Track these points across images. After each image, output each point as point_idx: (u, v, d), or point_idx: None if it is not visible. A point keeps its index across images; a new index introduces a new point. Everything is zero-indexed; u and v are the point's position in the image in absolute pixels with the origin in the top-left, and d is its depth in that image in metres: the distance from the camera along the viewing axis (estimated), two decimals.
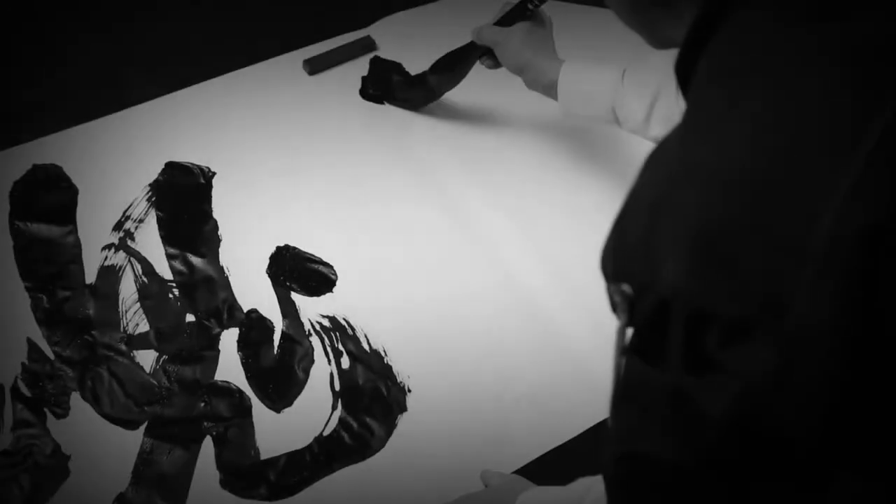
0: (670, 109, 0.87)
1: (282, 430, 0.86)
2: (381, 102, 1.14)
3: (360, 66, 1.18)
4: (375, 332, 0.93)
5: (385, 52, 1.20)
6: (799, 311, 0.36)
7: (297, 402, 0.88)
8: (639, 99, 0.90)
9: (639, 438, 0.44)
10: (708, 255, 0.39)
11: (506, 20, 0.99)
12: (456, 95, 1.11)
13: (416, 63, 1.17)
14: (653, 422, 0.43)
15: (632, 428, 0.44)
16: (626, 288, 0.43)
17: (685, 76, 0.47)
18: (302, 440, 0.85)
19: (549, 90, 0.96)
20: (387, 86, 1.15)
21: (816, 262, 0.36)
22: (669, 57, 0.49)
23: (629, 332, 0.44)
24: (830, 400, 0.37)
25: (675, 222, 0.40)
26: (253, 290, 0.96)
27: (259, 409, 0.88)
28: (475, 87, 1.09)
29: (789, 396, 0.37)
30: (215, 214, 1.02)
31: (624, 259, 0.44)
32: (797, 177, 0.37)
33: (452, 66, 1.07)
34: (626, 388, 0.45)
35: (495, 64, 1.02)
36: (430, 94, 1.11)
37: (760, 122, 0.40)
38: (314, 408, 0.88)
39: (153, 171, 1.05)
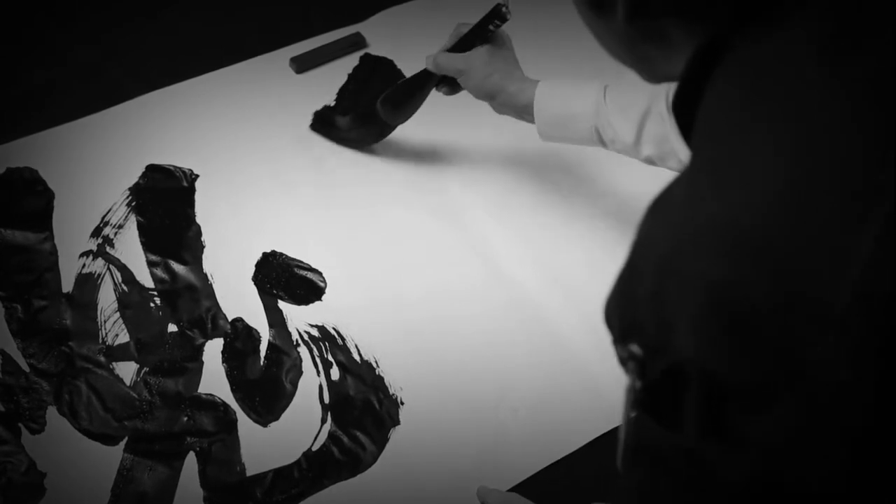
0: (662, 127, 0.85)
1: (269, 445, 0.86)
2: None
3: (349, 64, 1.18)
4: (366, 341, 0.92)
5: (375, 49, 1.20)
6: (822, 375, 0.36)
7: (284, 416, 0.88)
8: (626, 119, 0.86)
9: (651, 493, 0.44)
10: (723, 324, 0.38)
11: (462, 44, 0.94)
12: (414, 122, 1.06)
13: (409, 61, 1.17)
14: (666, 479, 0.43)
15: (643, 483, 0.45)
16: (635, 349, 0.43)
17: (683, 115, 0.46)
18: (290, 455, 0.85)
19: (524, 114, 0.92)
20: (331, 128, 1.09)
21: (838, 326, 0.36)
22: None
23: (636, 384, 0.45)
24: (855, 457, 0.38)
25: (686, 286, 0.40)
26: (238, 298, 0.95)
27: (245, 424, 0.87)
28: (430, 114, 1.03)
29: (812, 457, 0.38)
30: (198, 219, 1.02)
31: (631, 317, 0.44)
32: (814, 239, 0.37)
33: (406, 98, 1.00)
34: (636, 445, 0.45)
35: (453, 90, 0.98)
36: (383, 129, 1.05)
37: (771, 175, 0.39)
38: (303, 421, 0.87)
39: (133, 174, 1.05)
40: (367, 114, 1.05)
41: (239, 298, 0.95)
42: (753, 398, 0.38)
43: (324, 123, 1.10)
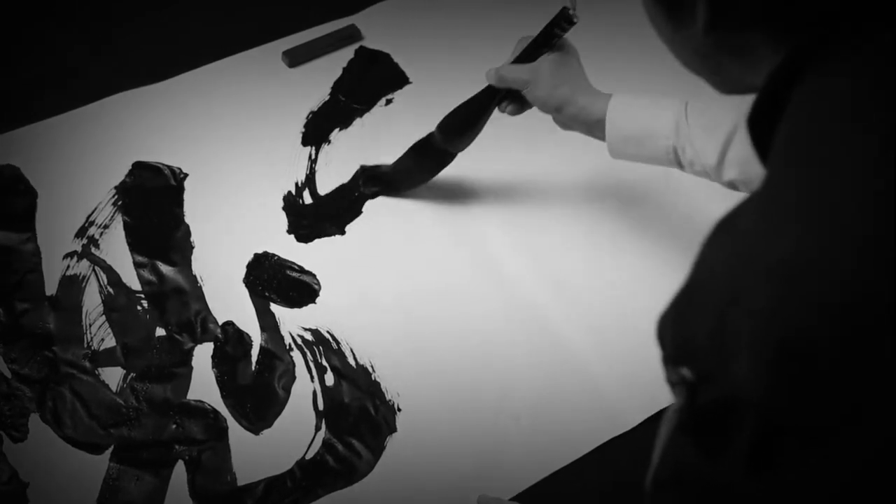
0: (747, 149, 0.83)
1: (261, 453, 0.85)
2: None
3: (344, 58, 1.17)
4: (362, 346, 0.92)
5: (371, 42, 1.19)
6: (883, 419, 0.36)
7: (277, 423, 0.87)
8: (710, 139, 0.81)
9: None
10: (788, 365, 0.38)
11: (527, 54, 0.89)
12: None
13: (405, 55, 1.16)
14: None
15: None
16: (686, 373, 0.42)
17: (760, 133, 0.45)
18: (283, 464, 0.84)
19: (594, 129, 0.88)
20: (383, 181, 1.02)
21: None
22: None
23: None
24: None
25: (751, 323, 0.39)
26: (229, 301, 0.94)
27: (236, 431, 0.86)
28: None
29: (868, 498, 0.38)
30: (187, 219, 1.01)
31: (686, 342, 0.43)
32: (887, 283, 0.36)
33: (468, 121, 0.94)
34: (673, 469, 0.45)
35: (519, 108, 0.92)
36: (442, 159, 0.98)
37: (859, 217, 0.38)
38: (296, 429, 0.86)
39: (119, 173, 1.04)
40: (422, 145, 0.99)
41: (229, 301, 0.94)
42: (809, 439, 0.38)
43: (374, 178, 1.03)
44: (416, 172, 1.02)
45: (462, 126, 0.95)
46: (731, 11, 0.44)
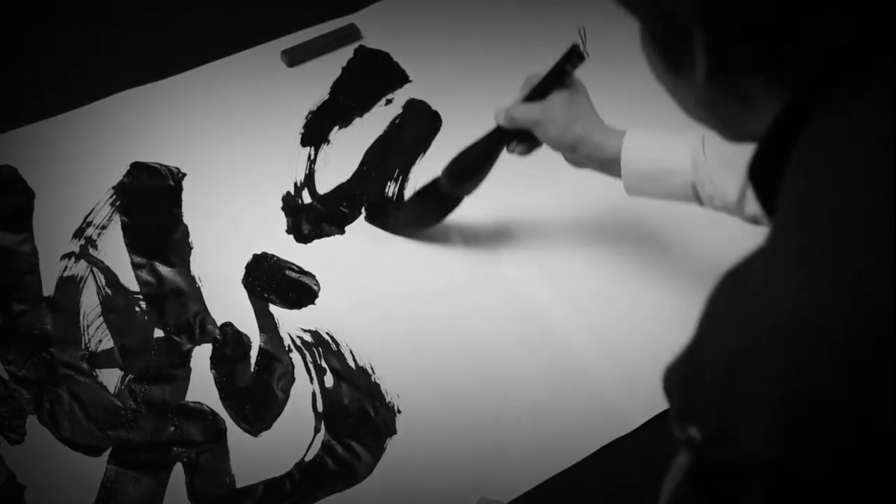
0: None
1: (259, 455, 0.85)
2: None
3: (343, 57, 1.17)
4: (362, 347, 0.92)
5: (370, 41, 1.19)
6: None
7: (276, 425, 0.87)
8: (730, 174, 0.79)
9: None
10: (798, 430, 0.37)
11: (537, 92, 0.87)
12: None
13: (404, 54, 1.16)
14: None
15: None
16: (694, 434, 0.42)
17: (763, 182, 0.45)
18: (282, 466, 0.84)
19: (608, 167, 0.86)
20: (387, 217, 1.01)
21: None
22: None
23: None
24: None
25: (760, 383, 0.38)
26: (227, 302, 0.94)
27: (234, 433, 0.86)
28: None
29: None
30: (186, 220, 1.01)
31: (694, 398, 0.43)
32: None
33: (476, 165, 0.92)
34: None
35: (528, 148, 0.91)
36: (447, 204, 0.96)
37: (871, 276, 0.37)
38: (295, 431, 0.86)
39: (117, 173, 1.04)
40: (427, 191, 0.97)
41: (228, 302, 0.94)
42: (818, 498, 0.38)
43: (378, 213, 1.02)
44: (422, 218, 0.99)
45: (469, 171, 0.93)
46: (731, 57, 0.44)
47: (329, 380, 0.90)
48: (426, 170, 1.05)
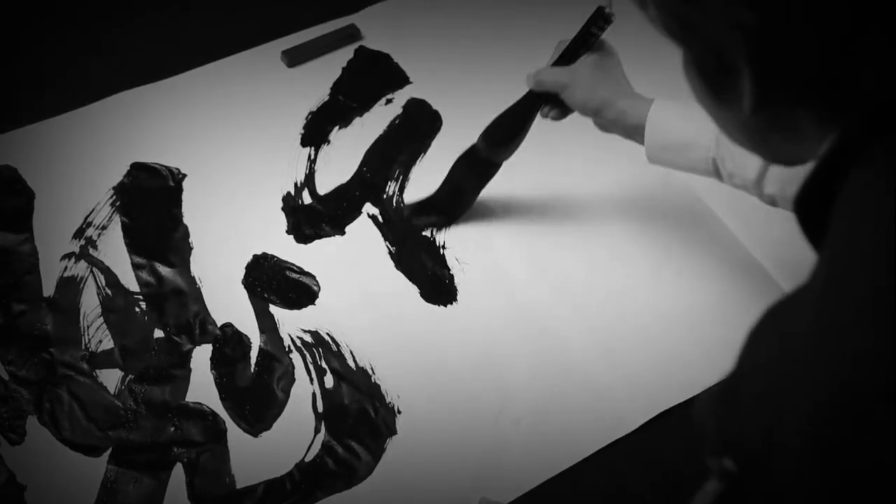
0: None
1: (260, 455, 0.85)
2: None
3: (343, 58, 1.17)
4: (362, 347, 0.92)
5: (371, 42, 1.19)
6: None
7: (276, 425, 0.87)
8: (752, 154, 0.83)
9: None
10: (836, 477, 0.37)
11: (566, 56, 0.88)
12: None
13: (405, 55, 1.16)
14: None
15: None
16: (728, 465, 0.42)
17: (810, 218, 0.44)
18: (282, 467, 0.84)
19: (632, 134, 0.87)
20: (430, 206, 1.00)
21: None
22: None
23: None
24: None
25: (802, 431, 0.38)
26: (228, 302, 0.95)
27: (234, 433, 0.86)
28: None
29: None
30: (186, 220, 1.01)
31: (731, 433, 0.43)
32: None
33: (515, 129, 0.93)
34: None
35: (562, 113, 0.91)
36: (486, 171, 0.97)
37: None
38: (295, 431, 0.86)
39: (118, 173, 1.04)
40: (466, 157, 0.97)
41: (228, 302, 0.95)
42: None
43: (423, 209, 1.01)
44: (463, 188, 0.99)
45: (507, 135, 0.94)
46: (779, 91, 0.43)
47: (329, 380, 0.90)
48: (426, 170, 1.05)
